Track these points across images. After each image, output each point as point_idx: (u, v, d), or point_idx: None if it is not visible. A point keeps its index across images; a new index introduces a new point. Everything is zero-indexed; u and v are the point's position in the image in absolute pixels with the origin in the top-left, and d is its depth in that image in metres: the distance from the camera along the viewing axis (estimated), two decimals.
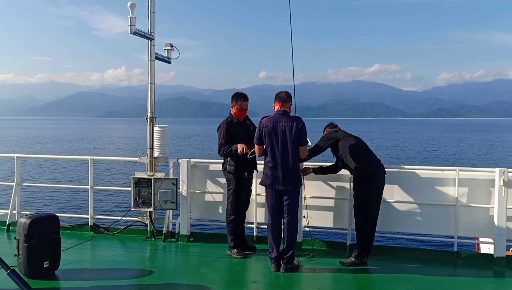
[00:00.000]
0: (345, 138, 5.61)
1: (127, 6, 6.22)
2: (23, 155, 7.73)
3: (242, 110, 5.83)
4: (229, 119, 5.82)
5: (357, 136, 5.72)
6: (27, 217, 4.87)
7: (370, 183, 5.35)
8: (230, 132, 5.70)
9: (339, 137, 5.63)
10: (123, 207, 15.45)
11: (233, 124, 5.79)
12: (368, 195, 5.36)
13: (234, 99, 5.84)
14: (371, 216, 5.38)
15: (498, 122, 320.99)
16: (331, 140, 5.66)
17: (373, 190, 5.37)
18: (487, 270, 5.41)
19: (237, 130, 5.75)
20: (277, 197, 5.21)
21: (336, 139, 5.63)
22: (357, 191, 5.45)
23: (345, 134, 5.70)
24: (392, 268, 5.37)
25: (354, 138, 5.64)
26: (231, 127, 5.75)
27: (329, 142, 5.66)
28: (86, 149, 54.63)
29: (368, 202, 5.36)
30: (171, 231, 6.65)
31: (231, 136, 5.68)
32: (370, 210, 5.36)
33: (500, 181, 5.42)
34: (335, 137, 5.65)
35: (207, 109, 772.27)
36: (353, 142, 5.56)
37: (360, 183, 5.39)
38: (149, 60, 6.70)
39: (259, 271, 5.35)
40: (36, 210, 14.83)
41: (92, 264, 5.70)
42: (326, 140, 5.69)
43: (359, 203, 5.42)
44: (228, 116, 5.88)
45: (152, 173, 6.59)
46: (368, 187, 5.35)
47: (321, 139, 5.77)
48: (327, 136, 5.74)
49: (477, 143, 71.00)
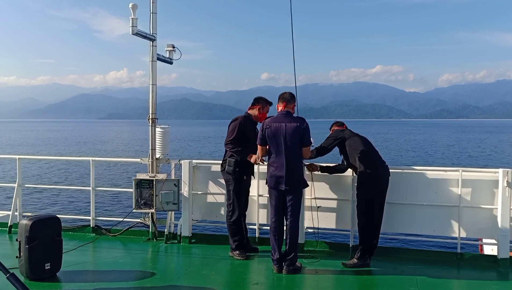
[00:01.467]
0: (352, 138, 5.56)
1: (129, 7, 6.23)
2: (25, 157, 7.73)
3: (266, 115, 5.80)
4: (247, 116, 5.80)
5: (363, 136, 5.67)
6: (28, 219, 4.85)
7: (374, 183, 5.32)
8: (243, 129, 5.67)
9: (345, 136, 5.58)
10: (125, 208, 15.45)
11: (249, 122, 5.78)
12: (371, 196, 5.33)
13: (263, 102, 5.83)
14: (375, 217, 5.35)
15: (503, 123, 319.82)
16: (337, 139, 5.60)
17: (376, 191, 5.34)
18: (490, 272, 5.38)
19: (250, 130, 5.75)
20: (280, 198, 5.19)
21: (342, 138, 5.57)
22: (360, 191, 5.41)
23: (352, 134, 5.64)
24: (395, 270, 5.34)
25: (360, 138, 5.58)
26: (247, 124, 5.73)
27: (336, 142, 5.60)
28: (94, 152, 54.12)
29: (372, 203, 5.32)
30: (172, 233, 6.63)
31: (243, 133, 5.65)
32: (374, 211, 5.33)
33: (503, 182, 5.39)
34: (342, 136, 5.60)
35: (209, 111, 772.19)
36: (359, 141, 5.51)
37: (363, 183, 5.36)
38: (151, 61, 6.71)
39: (261, 273, 5.33)
40: (38, 211, 14.84)
41: (94, 266, 5.68)
42: (332, 139, 5.64)
43: (362, 204, 5.38)
44: (246, 114, 5.86)
45: (154, 174, 6.58)
46: (371, 187, 5.32)
47: (327, 138, 5.71)
48: (333, 136, 5.69)
49: (498, 145, 69.05)
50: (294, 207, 5.17)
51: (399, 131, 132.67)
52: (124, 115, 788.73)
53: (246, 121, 5.76)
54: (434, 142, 76.67)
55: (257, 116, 5.80)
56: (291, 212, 5.16)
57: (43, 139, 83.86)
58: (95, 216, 7.03)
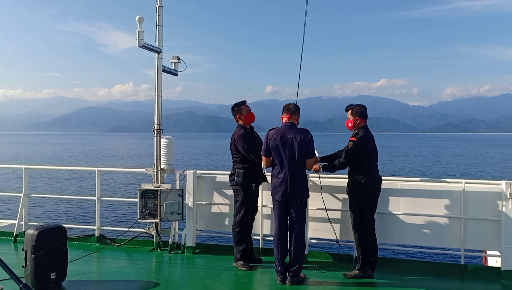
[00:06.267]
0: (367, 148, 5.34)
1: (135, 20, 6.34)
2: (31, 167, 7.81)
3: (250, 112, 5.87)
4: (242, 131, 5.80)
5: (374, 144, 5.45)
6: (35, 229, 4.90)
7: (365, 191, 5.30)
8: (248, 141, 5.70)
9: (363, 151, 5.32)
10: (130, 218, 15.46)
11: (247, 134, 5.80)
12: (362, 203, 5.32)
13: (238, 108, 5.86)
14: (368, 226, 5.35)
15: (509, 136, 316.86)
16: (356, 153, 5.31)
17: (367, 199, 5.33)
18: (494, 284, 5.36)
19: (252, 139, 5.78)
20: (284, 209, 5.20)
21: (365, 146, 5.32)
22: (352, 198, 5.40)
23: (368, 141, 5.37)
24: (398, 281, 5.33)
25: (371, 147, 5.39)
26: (247, 136, 5.76)
27: (357, 152, 5.32)
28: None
29: (364, 211, 5.31)
30: (177, 243, 6.66)
31: (250, 144, 5.69)
32: (366, 220, 5.32)
33: (507, 194, 5.40)
34: (365, 146, 5.31)
35: (214, 124, 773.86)
36: (369, 151, 5.35)
37: (356, 190, 5.35)
38: (156, 73, 6.80)
39: (265, 284, 5.34)
40: (43, 221, 14.88)
41: (99, 275, 5.70)
42: (353, 153, 5.32)
43: (356, 213, 5.37)
44: (238, 128, 5.85)
45: (158, 184, 6.62)
46: (363, 195, 5.31)
47: (348, 151, 5.33)
48: (355, 150, 5.31)
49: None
50: (298, 218, 5.18)
51: (417, 145, 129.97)
52: (129, 128, 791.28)
53: (244, 135, 5.77)
54: (473, 155, 74.69)
55: (245, 121, 5.85)
56: (295, 223, 5.17)
57: (60, 152, 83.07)
58: (100, 225, 7.08)
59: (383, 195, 5.58)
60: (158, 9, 6.71)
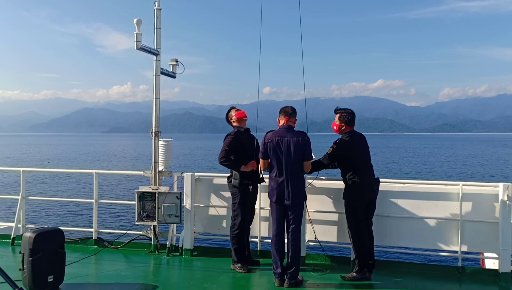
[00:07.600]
0: (355, 150, 5.42)
1: (134, 22, 6.33)
2: (29, 169, 7.80)
3: (239, 110, 5.95)
4: (235, 130, 5.85)
5: (364, 140, 5.54)
6: (32, 231, 4.88)
7: (358, 194, 5.32)
8: (238, 140, 5.71)
9: (349, 153, 5.40)
10: (127, 220, 15.44)
11: (241, 133, 5.83)
12: (357, 205, 5.34)
13: (227, 116, 6.04)
14: (363, 228, 5.36)
15: (506, 137, 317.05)
16: (339, 155, 5.44)
17: (360, 202, 5.34)
18: (492, 286, 5.37)
19: (246, 140, 5.79)
20: (281, 211, 5.21)
21: (345, 154, 5.42)
22: (346, 201, 5.42)
23: (356, 143, 5.46)
24: (396, 284, 5.34)
25: (356, 152, 5.45)
26: (240, 136, 5.78)
27: (338, 157, 5.47)
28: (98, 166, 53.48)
29: (358, 214, 5.33)
30: (174, 245, 6.66)
31: (239, 144, 5.69)
32: (360, 223, 5.34)
33: (504, 196, 5.41)
34: (346, 152, 5.41)
35: (212, 125, 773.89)
36: (352, 156, 5.40)
37: (348, 193, 5.38)
38: (155, 75, 6.79)
39: (263, 286, 5.33)
40: (41, 223, 14.85)
41: (96, 278, 5.69)
42: (333, 156, 5.47)
43: (350, 216, 5.39)
44: (234, 128, 5.91)
45: (156, 186, 6.62)
46: (357, 197, 5.33)
47: (329, 154, 5.49)
48: (336, 152, 5.45)
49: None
50: (296, 220, 5.19)
51: (415, 145, 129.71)
52: (127, 129, 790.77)
53: (238, 133, 5.80)
54: (472, 156, 74.66)
55: (237, 118, 5.90)
56: (293, 225, 5.17)
57: (61, 153, 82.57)
58: (97, 228, 7.06)
59: (380, 197, 5.59)
60: (157, 11, 6.71)
